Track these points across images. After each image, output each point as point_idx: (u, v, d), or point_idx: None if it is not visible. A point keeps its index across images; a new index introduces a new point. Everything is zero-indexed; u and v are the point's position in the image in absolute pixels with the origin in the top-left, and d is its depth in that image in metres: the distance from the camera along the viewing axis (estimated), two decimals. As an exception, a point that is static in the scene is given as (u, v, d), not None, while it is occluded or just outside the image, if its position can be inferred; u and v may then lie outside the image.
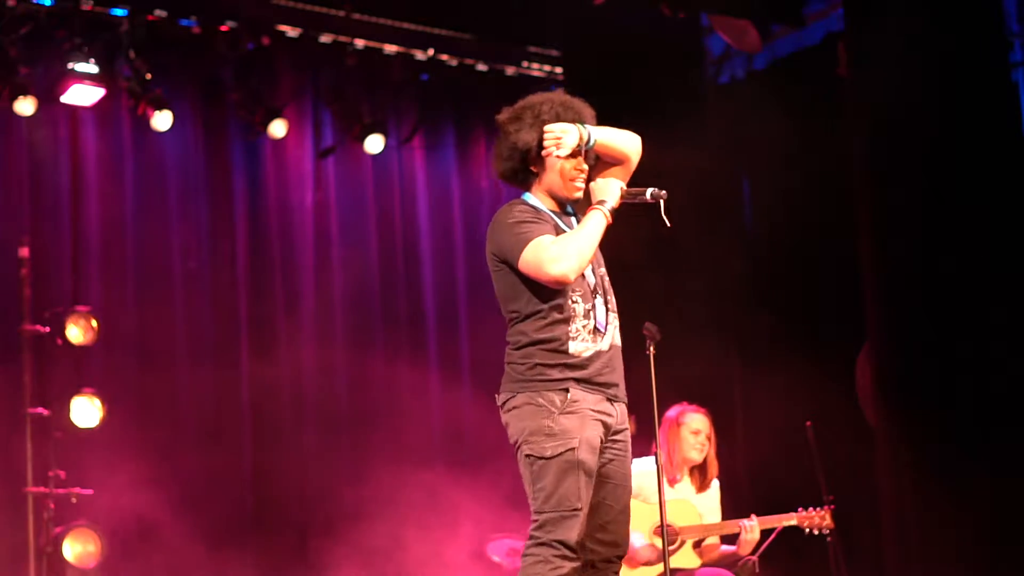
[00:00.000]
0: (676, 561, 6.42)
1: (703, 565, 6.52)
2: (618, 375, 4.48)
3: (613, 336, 4.48)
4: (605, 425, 4.38)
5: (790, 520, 6.43)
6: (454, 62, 9.34)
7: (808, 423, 6.66)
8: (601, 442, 4.37)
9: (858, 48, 8.01)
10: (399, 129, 9.35)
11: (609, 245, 9.18)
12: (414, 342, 9.29)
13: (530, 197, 4.53)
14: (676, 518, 6.42)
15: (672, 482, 6.54)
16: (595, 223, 4.40)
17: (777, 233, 9.31)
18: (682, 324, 8.36)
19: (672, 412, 6.65)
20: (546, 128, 4.43)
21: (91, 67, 7.97)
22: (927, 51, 7.72)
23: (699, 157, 9.36)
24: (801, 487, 6.83)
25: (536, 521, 4.29)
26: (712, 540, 6.55)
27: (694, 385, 7.36)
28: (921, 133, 7.75)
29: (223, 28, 8.52)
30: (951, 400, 7.58)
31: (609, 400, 4.42)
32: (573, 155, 4.44)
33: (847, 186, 8.17)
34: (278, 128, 8.67)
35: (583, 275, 4.42)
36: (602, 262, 4.59)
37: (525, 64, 9.61)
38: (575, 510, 4.26)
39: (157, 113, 8.22)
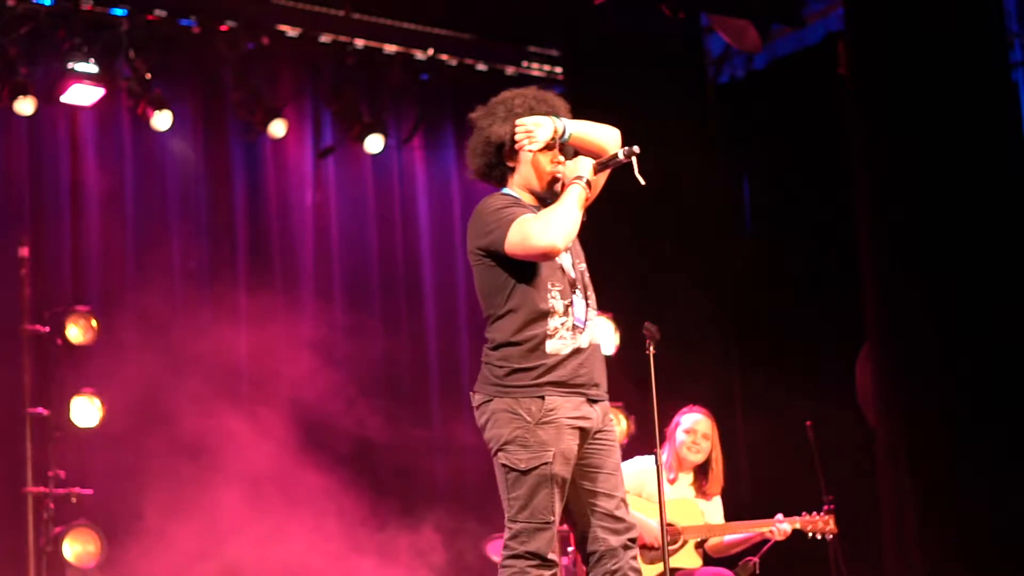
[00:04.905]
0: (678, 561, 6.41)
1: (707, 564, 6.53)
2: (599, 374, 4.44)
3: (592, 333, 4.44)
4: (583, 431, 4.36)
5: (793, 524, 6.43)
6: (454, 62, 9.34)
7: (808, 423, 6.66)
8: (579, 449, 4.36)
9: (858, 48, 8.01)
10: (399, 129, 9.35)
11: (610, 246, 9.19)
12: (414, 342, 9.29)
13: (507, 191, 4.49)
14: (679, 518, 6.41)
15: (671, 482, 6.52)
16: (573, 196, 4.34)
17: (777, 233, 9.32)
18: (682, 324, 8.37)
19: (679, 413, 6.65)
20: (517, 121, 4.39)
21: (91, 67, 7.97)
22: (927, 51, 7.73)
23: (699, 157, 9.37)
24: (801, 487, 6.83)
25: (510, 530, 4.33)
26: (717, 540, 6.54)
27: (694, 385, 7.36)
28: (921, 133, 7.76)
29: (223, 28, 8.52)
30: (951, 400, 7.58)
31: (589, 402, 4.39)
32: (548, 148, 4.40)
33: (847, 186, 8.17)
34: (278, 128, 8.67)
35: (562, 270, 4.40)
36: (582, 256, 4.54)
37: (525, 64, 9.60)
38: (547, 523, 4.29)
39: (157, 113, 8.22)
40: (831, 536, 6.48)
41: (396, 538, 8.31)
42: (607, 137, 4.49)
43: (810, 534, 6.47)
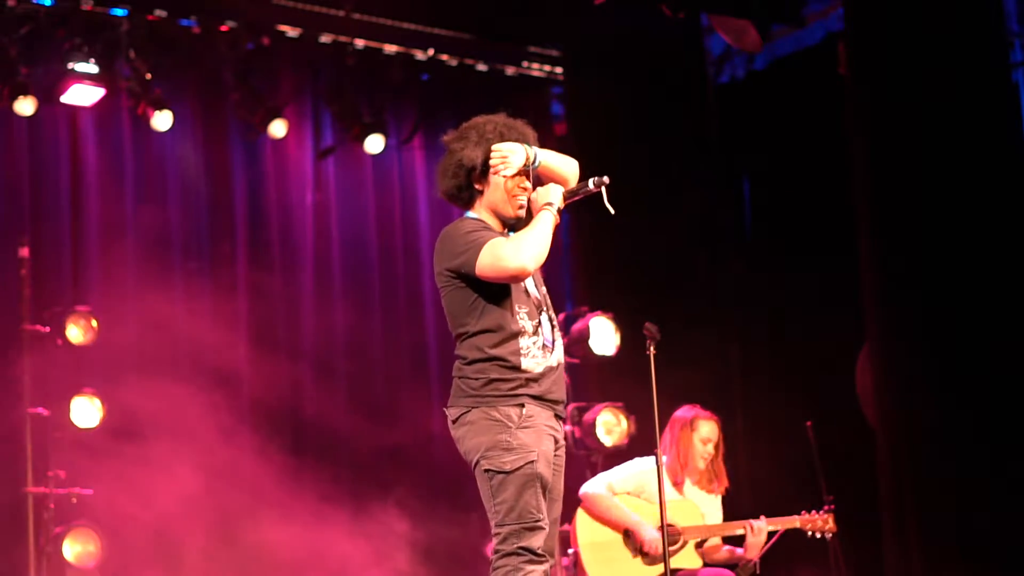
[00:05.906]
0: (678, 561, 6.41)
1: (705, 565, 6.51)
2: (563, 392, 4.56)
3: (559, 353, 4.55)
4: (555, 441, 4.47)
5: (793, 523, 6.43)
6: (454, 62, 9.34)
7: (808, 423, 6.66)
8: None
9: (858, 48, 8.01)
10: (399, 129, 9.35)
11: (610, 246, 9.15)
12: (414, 341, 9.29)
13: (474, 215, 4.60)
14: (679, 518, 6.41)
15: (677, 486, 6.50)
16: (545, 221, 4.47)
17: (777, 233, 9.32)
18: (682, 325, 8.36)
19: (685, 413, 6.59)
20: (494, 147, 4.52)
21: (91, 67, 7.97)
22: (927, 51, 7.73)
23: (699, 157, 9.37)
24: (801, 487, 6.83)
25: (499, 535, 4.36)
26: (715, 541, 6.53)
27: (694, 385, 7.35)
28: (921, 133, 7.75)
29: (223, 28, 8.52)
30: (952, 400, 7.58)
31: (556, 417, 4.50)
32: (519, 174, 4.52)
33: (847, 186, 8.17)
34: (278, 128, 8.67)
35: (527, 292, 4.51)
36: (542, 281, 4.66)
37: (525, 64, 9.60)
38: (536, 521, 4.34)
39: (157, 113, 8.22)
40: (831, 535, 6.48)
41: (395, 535, 8.32)
42: (569, 168, 4.63)
43: (810, 533, 6.47)
